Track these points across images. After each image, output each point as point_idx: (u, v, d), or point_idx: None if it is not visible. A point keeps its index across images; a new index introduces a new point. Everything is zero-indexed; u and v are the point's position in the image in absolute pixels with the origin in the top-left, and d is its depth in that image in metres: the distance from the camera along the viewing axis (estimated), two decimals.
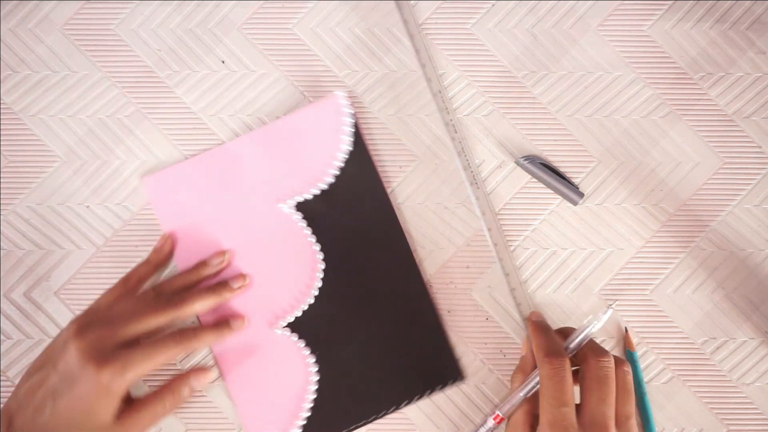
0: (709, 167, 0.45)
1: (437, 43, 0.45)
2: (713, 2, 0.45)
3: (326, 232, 0.44)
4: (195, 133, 0.45)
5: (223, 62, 0.46)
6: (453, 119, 0.44)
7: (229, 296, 0.43)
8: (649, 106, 0.45)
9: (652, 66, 0.45)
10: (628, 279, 0.44)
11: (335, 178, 0.44)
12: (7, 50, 0.46)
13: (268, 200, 0.45)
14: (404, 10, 0.44)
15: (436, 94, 0.45)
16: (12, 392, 0.39)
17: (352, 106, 0.45)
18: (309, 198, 0.44)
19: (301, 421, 0.43)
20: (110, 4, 0.46)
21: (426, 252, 0.44)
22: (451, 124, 0.44)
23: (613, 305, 0.38)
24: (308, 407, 0.43)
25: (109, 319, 0.39)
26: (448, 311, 0.44)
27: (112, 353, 0.38)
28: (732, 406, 0.44)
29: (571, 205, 0.44)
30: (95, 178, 0.45)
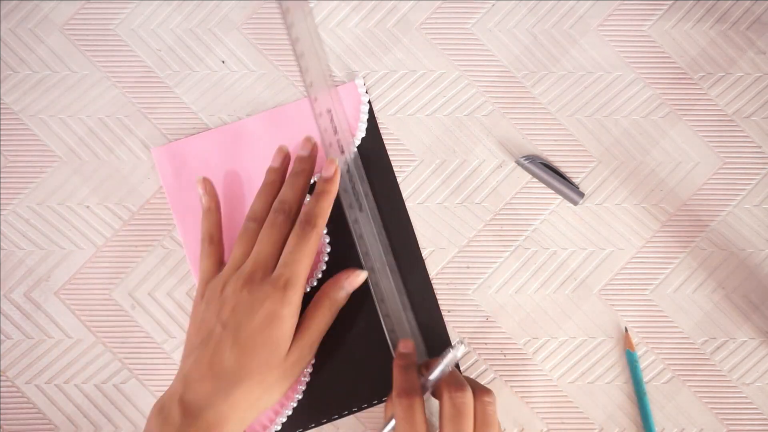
0: (709, 167, 0.45)
1: (437, 43, 0.45)
2: (713, 2, 0.45)
3: (334, 216, 0.44)
4: (195, 133, 0.45)
5: (223, 62, 0.46)
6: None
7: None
8: (649, 106, 0.45)
9: (652, 66, 0.45)
10: (628, 279, 0.44)
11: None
12: (7, 50, 0.46)
13: None
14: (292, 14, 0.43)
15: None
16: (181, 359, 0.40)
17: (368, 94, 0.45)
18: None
19: (293, 403, 0.43)
20: (110, 4, 0.46)
21: (426, 252, 0.44)
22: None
23: (464, 341, 0.38)
24: (301, 390, 0.43)
25: (255, 263, 0.39)
26: (448, 311, 0.44)
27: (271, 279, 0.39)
28: (732, 406, 0.44)
29: (571, 205, 0.44)
30: (95, 178, 0.45)
